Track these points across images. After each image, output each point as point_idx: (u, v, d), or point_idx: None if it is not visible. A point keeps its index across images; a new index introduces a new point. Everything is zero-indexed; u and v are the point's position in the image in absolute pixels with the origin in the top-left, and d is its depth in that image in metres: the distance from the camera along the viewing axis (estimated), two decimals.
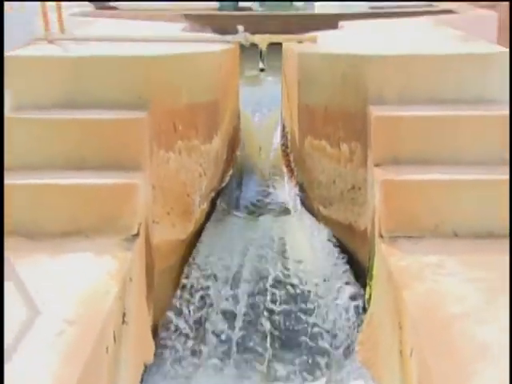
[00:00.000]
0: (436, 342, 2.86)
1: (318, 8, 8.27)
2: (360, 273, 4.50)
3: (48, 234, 3.75)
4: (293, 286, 4.65)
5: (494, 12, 8.28)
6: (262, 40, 5.46)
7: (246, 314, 4.51)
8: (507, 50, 4.45)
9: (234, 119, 5.91)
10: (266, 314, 4.50)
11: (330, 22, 6.68)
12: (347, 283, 4.55)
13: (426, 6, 8.66)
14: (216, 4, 8.71)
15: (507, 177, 3.82)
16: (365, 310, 4.28)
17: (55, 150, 4.06)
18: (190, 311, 4.47)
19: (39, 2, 4.95)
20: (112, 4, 9.04)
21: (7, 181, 3.81)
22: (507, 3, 7.42)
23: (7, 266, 3.17)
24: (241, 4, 8.76)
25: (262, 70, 5.82)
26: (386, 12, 7.77)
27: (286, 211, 5.42)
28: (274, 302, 4.55)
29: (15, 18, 5.22)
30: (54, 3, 5.13)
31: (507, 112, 4.12)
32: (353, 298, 4.47)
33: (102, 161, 4.04)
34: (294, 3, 8.71)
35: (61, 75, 4.29)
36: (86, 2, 8.90)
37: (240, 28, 5.32)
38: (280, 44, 5.67)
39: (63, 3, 5.29)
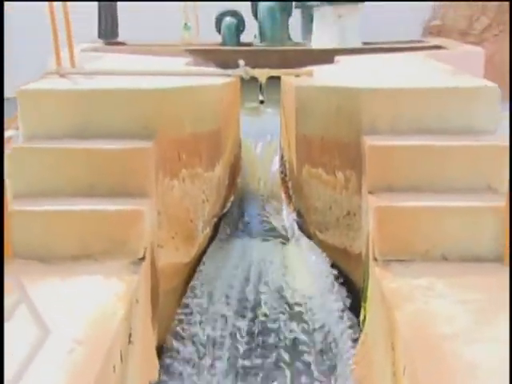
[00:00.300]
0: (427, 360, 2.86)
1: (315, 43, 8.33)
2: (355, 294, 4.49)
3: (59, 258, 3.76)
4: (290, 305, 4.64)
5: (480, 48, 8.35)
6: (262, 74, 5.50)
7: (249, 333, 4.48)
8: (494, 84, 4.47)
9: (236, 148, 5.93)
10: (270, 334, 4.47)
11: (325, 56, 6.72)
12: (343, 304, 4.54)
13: (416, 42, 8.71)
14: (218, 39, 8.78)
15: (494, 204, 3.83)
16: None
17: (66, 178, 4.07)
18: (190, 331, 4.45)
19: (52, 38, 4.98)
20: (120, 40, 9.11)
21: (21, 207, 3.83)
22: (495, 40, 7.46)
23: (20, 289, 3.17)
24: (242, 39, 8.82)
25: (261, 101, 5.85)
26: (378, 47, 7.82)
27: (284, 236, 5.42)
28: (275, 321, 4.53)
29: None
30: (65, 39, 5.16)
31: (494, 142, 4.14)
32: (348, 317, 4.46)
33: (111, 188, 4.05)
34: (292, 39, 8.78)
35: (71, 107, 4.31)
36: (96, 38, 8.97)
37: (241, 62, 5.36)
38: (279, 77, 5.71)
39: (74, 39, 5.33)
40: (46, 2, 4.85)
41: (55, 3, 4.90)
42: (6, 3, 4.23)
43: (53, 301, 3.29)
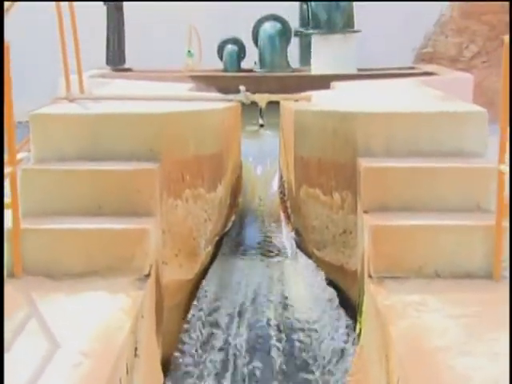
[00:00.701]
0: (421, 372, 2.85)
1: (313, 70, 8.37)
2: (351, 309, 4.48)
3: (67, 274, 3.75)
4: (290, 320, 4.63)
5: (469, 74, 8.39)
6: (262, 99, 5.53)
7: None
8: (483, 109, 4.48)
9: (237, 169, 5.94)
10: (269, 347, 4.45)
11: (323, 82, 6.75)
12: (338, 319, 4.53)
13: (409, 69, 8.76)
14: (220, 65, 8.82)
15: (483, 222, 3.84)
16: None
17: (74, 197, 4.06)
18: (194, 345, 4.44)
19: (62, 65, 5.01)
20: (127, 66, 9.15)
21: (30, 226, 3.83)
22: (483, 67, 7.51)
23: (30, 304, 3.18)
24: (243, 65, 8.86)
25: (261, 125, 5.89)
26: (373, 74, 7.86)
27: (283, 253, 5.42)
28: (276, 336, 4.51)
29: None
30: (75, 65, 5.20)
31: (483, 164, 4.15)
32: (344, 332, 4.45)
33: (117, 207, 4.05)
34: (291, 65, 8.82)
35: (80, 131, 4.32)
36: (104, 65, 9.01)
37: (241, 88, 5.39)
38: (278, 102, 5.74)
39: (83, 65, 5.36)
40: (57, 30, 4.89)
41: (66, 31, 4.94)
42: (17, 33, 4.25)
43: (61, 316, 3.28)
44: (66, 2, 4.97)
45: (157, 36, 10.51)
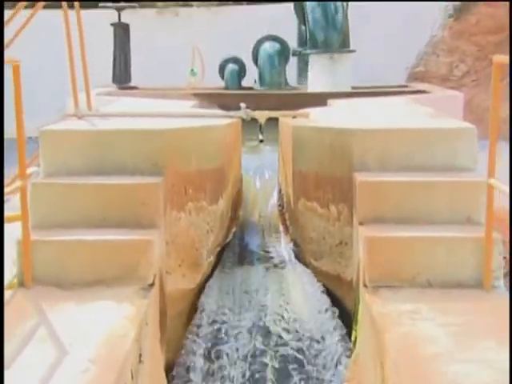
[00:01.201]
0: (414, 378, 2.85)
1: (310, 87, 8.38)
2: (347, 318, 4.47)
3: (75, 284, 3.75)
4: (288, 330, 4.61)
5: (459, 92, 8.40)
6: (261, 115, 5.55)
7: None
8: (472, 125, 4.49)
9: (237, 183, 5.95)
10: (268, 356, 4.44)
11: (319, 99, 6.76)
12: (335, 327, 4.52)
13: (402, 87, 8.77)
14: (222, 84, 8.84)
15: (474, 234, 3.84)
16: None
17: (82, 210, 4.06)
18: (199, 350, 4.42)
19: (71, 83, 5.03)
20: (132, 84, 9.17)
21: (40, 237, 3.83)
22: (473, 85, 7.53)
23: (39, 313, 3.17)
24: (243, 84, 8.88)
25: (261, 140, 5.90)
26: (368, 92, 7.87)
27: (282, 263, 5.41)
28: (277, 345, 4.50)
29: None
30: (83, 83, 5.21)
31: (474, 179, 4.15)
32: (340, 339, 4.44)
33: (123, 220, 4.05)
34: (289, 83, 8.84)
35: (88, 146, 4.33)
36: (111, 83, 9.03)
37: (242, 105, 5.40)
38: (277, 118, 5.75)
39: (90, 84, 5.37)
40: (67, 51, 4.91)
41: (74, 51, 4.96)
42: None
43: (69, 323, 3.28)
44: (75, 24, 4.99)
45: (161, 55, 10.54)
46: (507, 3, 9.20)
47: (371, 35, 10.25)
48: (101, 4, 9.99)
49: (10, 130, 4.07)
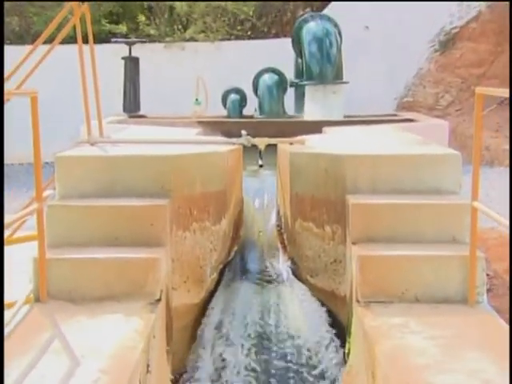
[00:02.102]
0: None
1: (306, 116, 8.42)
2: (340, 331, 4.46)
3: (87, 299, 3.75)
4: (284, 340, 4.60)
5: (445, 121, 8.44)
6: (261, 142, 5.57)
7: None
8: (457, 152, 4.51)
9: (239, 205, 5.95)
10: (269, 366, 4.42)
11: (315, 127, 6.80)
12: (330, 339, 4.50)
13: (391, 116, 8.82)
14: (224, 112, 8.88)
15: (459, 253, 3.84)
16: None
17: (93, 230, 4.06)
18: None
19: (84, 112, 5.05)
20: (141, 113, 9.22)
21: (55, 256, 3.83)
22: (457, 114, 7.57)
23: (53, 326, 3.17)
24: (244, 112, 8.92)
25: (260, 165, 5.92)
26: (360, 120, 7.90)
27: (280, 280, 5.40)
28: (278, 357, 4.48)
29: None
30: (95, 112, 5.24)
31: (458, 201, 4.16)
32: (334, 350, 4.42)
33: (132, 239, 4.05)
34: (287, 112, 8.88)
35: (100, 171, 4.34)
36: (121, 112, 9.08)
37: (243, 132, 5.42)
38: (275, 145, 5.76)
39: (102, 112, 5.40)
40: (80, 82, 4.94)
41: (88, 83, 4.99)
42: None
43: (81, 336, 3.28)
44: (89, 57, 5.03)
45: (168, 86, 10.60)
46: (489, 36, 9.28)
47: (363, 68, 10.33)
48: (113, 39, 10.09)
49: (27, 156, 4.09)
